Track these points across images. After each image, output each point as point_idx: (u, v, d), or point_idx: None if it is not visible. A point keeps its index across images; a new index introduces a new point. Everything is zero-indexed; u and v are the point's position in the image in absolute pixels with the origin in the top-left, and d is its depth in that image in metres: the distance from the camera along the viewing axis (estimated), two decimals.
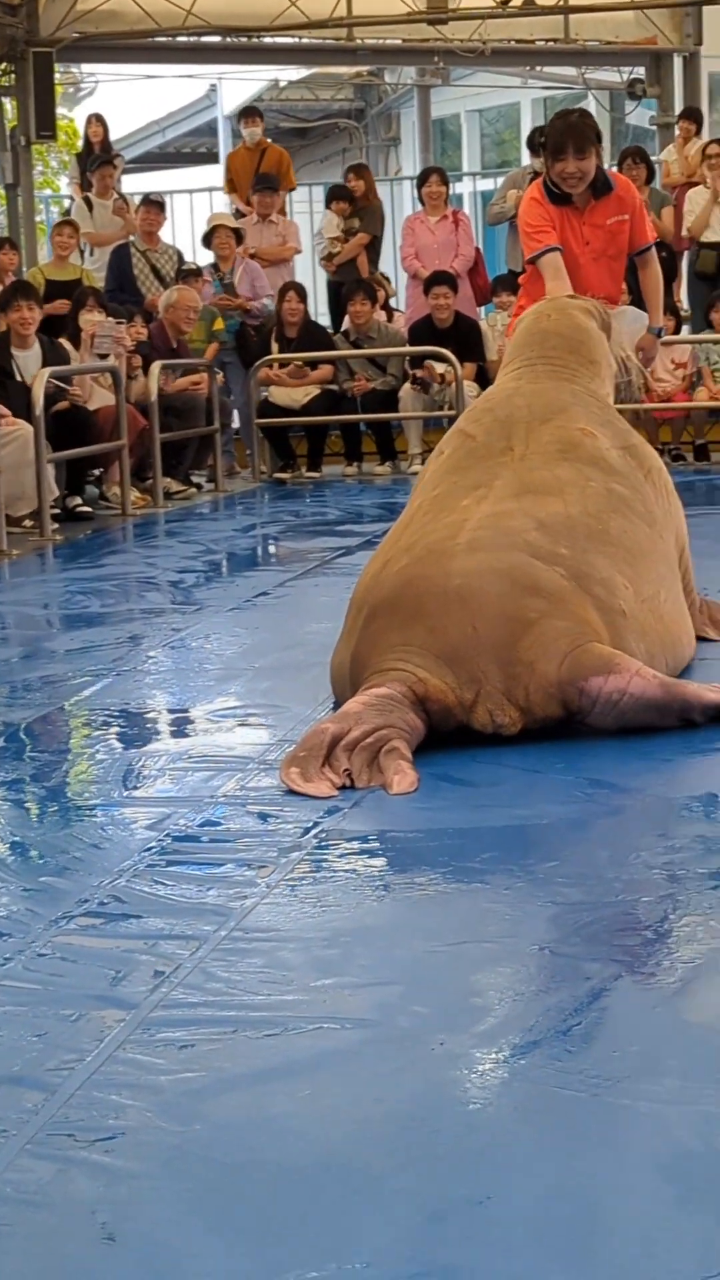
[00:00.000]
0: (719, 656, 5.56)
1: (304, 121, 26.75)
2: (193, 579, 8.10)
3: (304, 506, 11.32)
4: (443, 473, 5.25)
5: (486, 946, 3.10)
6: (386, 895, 3.43)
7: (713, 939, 3.08)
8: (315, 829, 3.86)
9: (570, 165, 7.16)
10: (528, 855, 3.62)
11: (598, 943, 3.10)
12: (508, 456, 5.17)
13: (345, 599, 5.15)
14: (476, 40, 17.73)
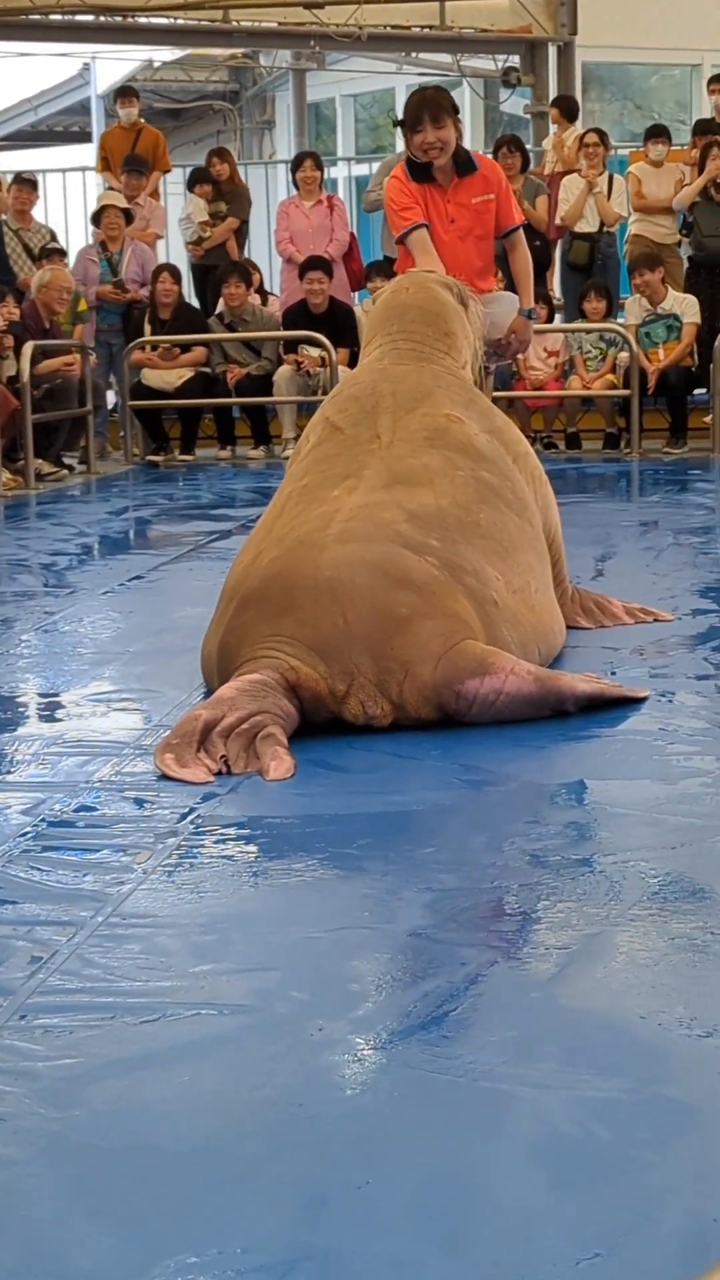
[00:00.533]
0: (590, 645, 5.61)
1: (178, 102, 26.59)
2: (65, 562, 8.06)
3: (177, 490, 11.28)
4: (312, 461, 5.25)
5: (363, 932, 3.12)
6: (263, 881, 3.43)
7: (586, 924, 3.11)
8: (192, 815, 3.86)
9: (429, 135, 7.11)
10: (403, 841, 3.64)
11: (473, 928, 3.12)
12: (375, 445, 5.18)
13: (219, 584, 5.15)
14: (353, 25, 17.71)
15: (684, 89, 21.72)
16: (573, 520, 8.31)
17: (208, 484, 11.53)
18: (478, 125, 23.18)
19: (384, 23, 18.13)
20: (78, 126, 27.87)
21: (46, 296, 12.68)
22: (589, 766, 4.19)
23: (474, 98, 22.35)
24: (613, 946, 3.01)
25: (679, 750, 4.30)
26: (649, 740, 4.40)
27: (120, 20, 18.25)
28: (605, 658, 5.41)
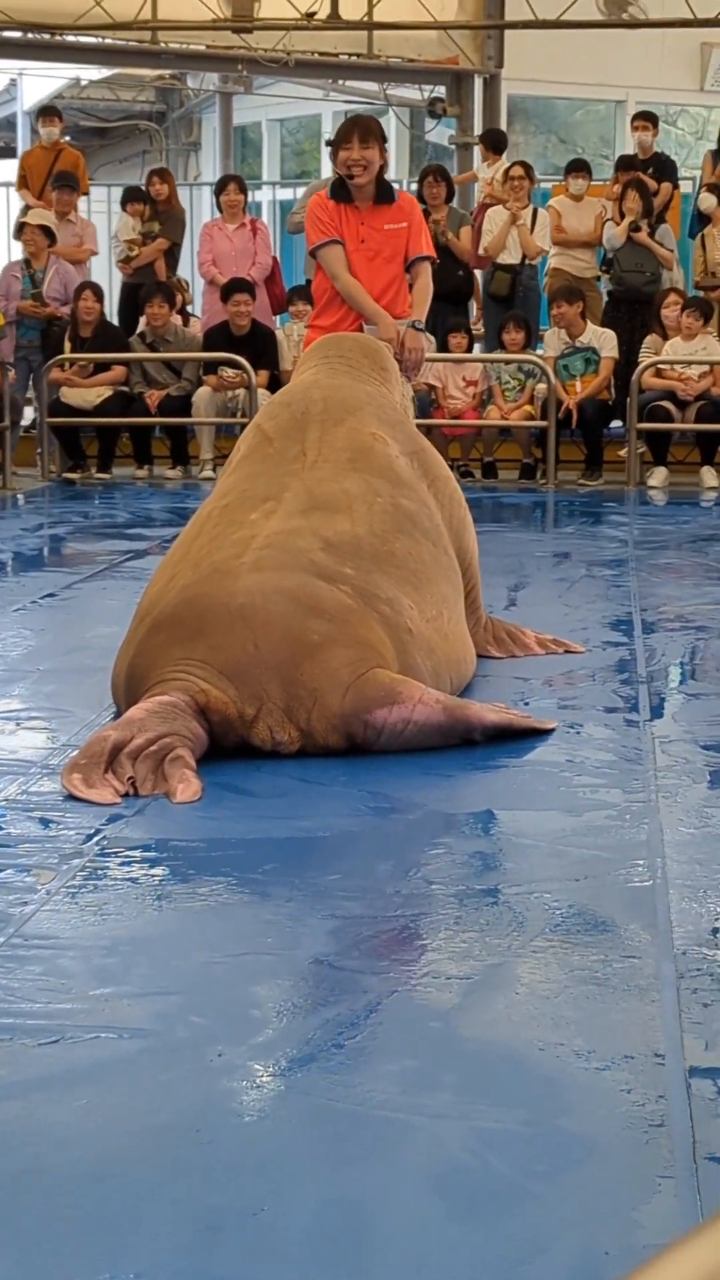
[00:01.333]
0: (501, 674, 5.64)
1: (104, 121, 26.56)
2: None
3: (93, 508, 11.24)
4: (236, 479, 5.27)
5: (266, 959, 3.12)
6: (167, 905, 3.42)
7: (488, 955, 3.12)
8: (97, 836, 3.84)
9: (355, 152, 7.35)
10: (308, 867, 3.65)
11: (376, 956, 3.13)
12: (299, 464, 5.20)
13: (132, 604, 5.14)
14: (281, 51, 17.76)
15: (609, 124, 21.95)
16: (488, 549, 8.34)
17: (124, 503, 11.49)
18: (403, 154, 23.29)
19: (312, 49, 18.18)
20: (3, 142, 27.80)
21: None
22: (496, 796, 4.21)
23: (400, 127, 22.46)
24: (514, 978, 3.03)
25: (585, 782, 4.32)
26: (556, 772, 4.43)
27: (48, 38, 18.21)
28: (516, 688, 5.43)
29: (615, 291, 13.30)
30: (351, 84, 20.67)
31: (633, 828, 3.92)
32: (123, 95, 25.65)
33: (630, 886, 3.51)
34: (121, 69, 23.05)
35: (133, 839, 3.84)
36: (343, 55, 18.53)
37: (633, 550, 8.82)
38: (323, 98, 22.46)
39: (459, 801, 4.17)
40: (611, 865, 3.64)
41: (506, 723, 4.74)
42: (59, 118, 15.55)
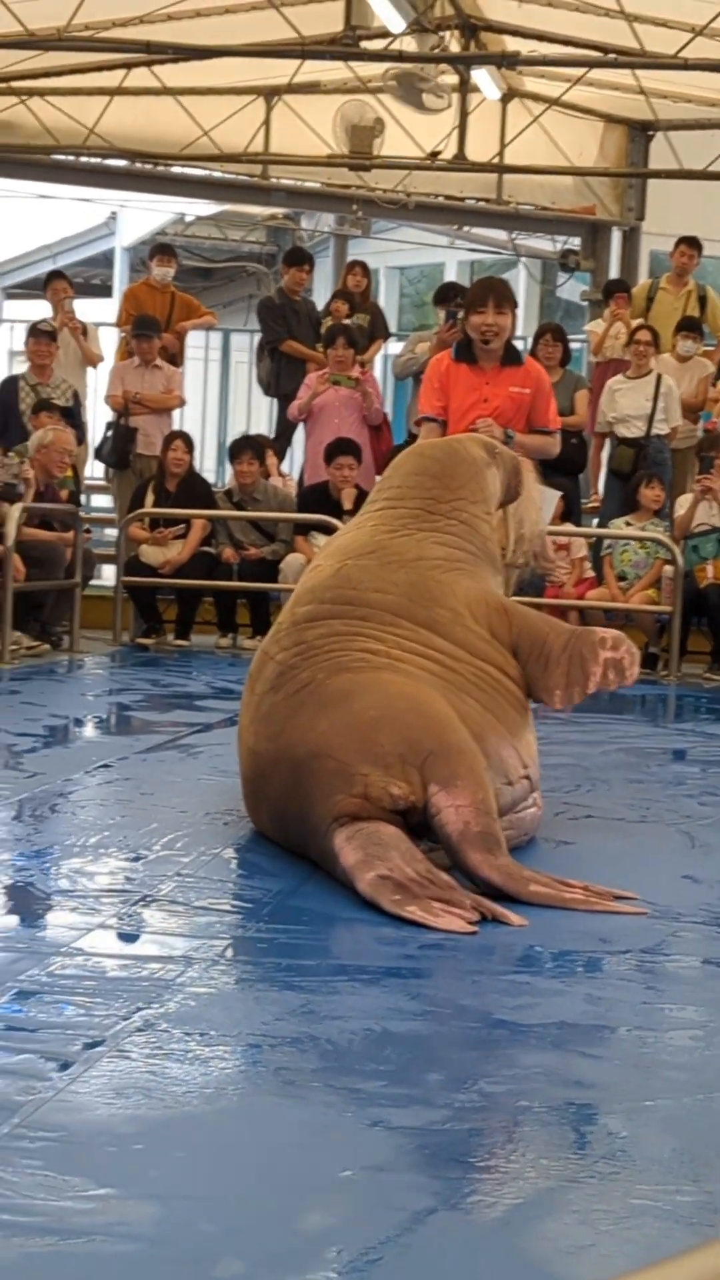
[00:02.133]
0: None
1: (209, 261, 27.19)
2: (28, 743, 8.10)
3: (164, 676, 11.37)
4: None
5: (294, 1166, 3.11)
6: (190, 1101, 3.43)
7: (543, 1178, 3.10)
8: (122, 1023, 3.86)
9: (490, 317, 8.08)
10: (351, 1070, 3.64)
11: (417, 1172, 3.11)
12: None
13: (195, 779, 5.24)
14: (401, 192, 18.15)
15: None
16: (593, 740, 8.39)
17: (199, 672, 11.62)
18: (531, 309, 23.63)
19: (435, 192, 18.57)
20: (99, 279, 28.46)
21: (45, 458, 12.87)
22: (566, 1006, 4.19)
23: (528, 279, 22.80)
24: (568, 1204, 3.00)
25: (669, 998, 4.31)
26: (636, 984, 4.41)
27: (152, 168, 18.73)
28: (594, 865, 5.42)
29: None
30: (478, 232, 21.05)
31: (717, 1049, 3.89)
32: (230, 234, 26.26)
33: (706, 1112, 3.48)
34: (230, 205, 23.59)
35: (160, 1028, 3.86)
36: (469, 200, 18.91)
37: None
38: (446, 245, 22.86)
39: (527, 1011, 4.15)
40: (686, 1089, 3.61)
41: (561, 901, 5.19)
42: (174, 257, 15.88)
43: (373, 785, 5.26)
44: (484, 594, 6.16)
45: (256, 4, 15.12)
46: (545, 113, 17.92)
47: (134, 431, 14.28)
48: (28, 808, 6.47)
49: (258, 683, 5.93)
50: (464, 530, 6.35)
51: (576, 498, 13.89)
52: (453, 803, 5.23)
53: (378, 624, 5.84)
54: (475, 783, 5.31)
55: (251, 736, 5.83)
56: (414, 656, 5.74)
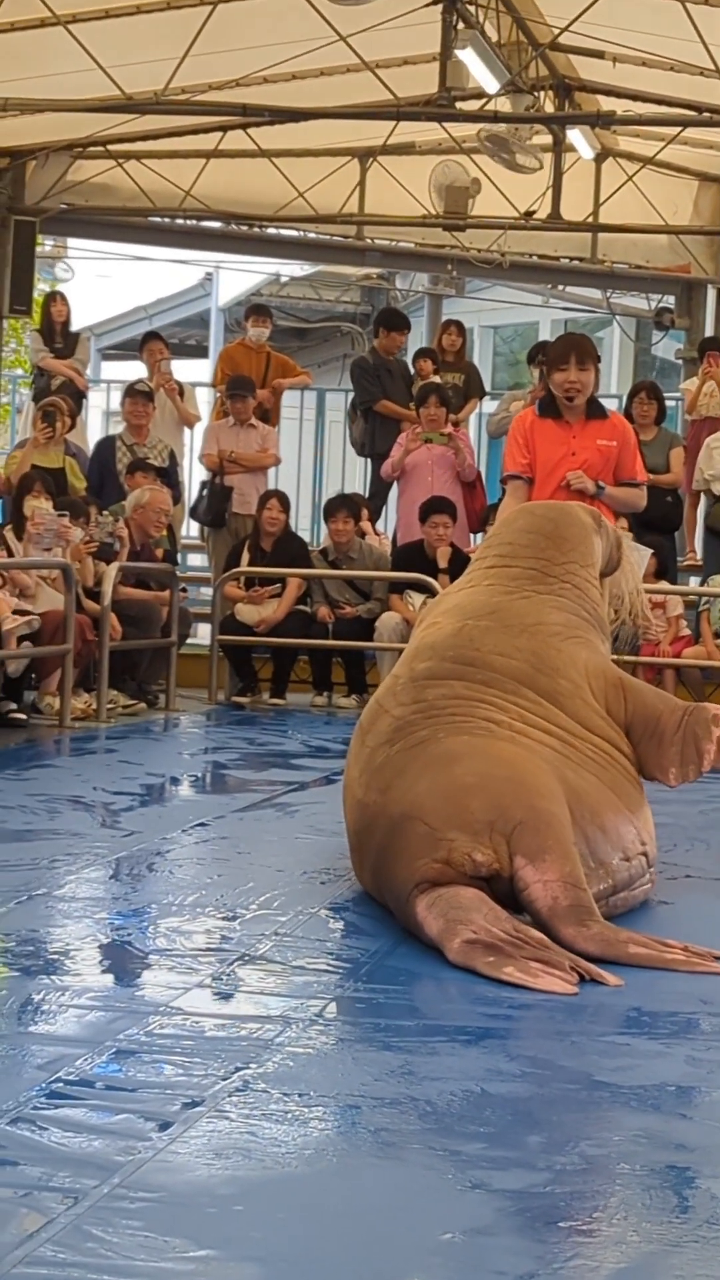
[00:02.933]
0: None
1: (304, 322, 27.36)
2: (125, 802, 8.14)
3: (260, 734, 11.39)
4: None
5: (392, 1228, 3.10)
6: (290, 1162, 3.42)
7: (645, 1242, 3.08)
8: (220, 1084, 3.87)
9: (572, 374, 8.20)
10: (451, 1132, 3.63)
11: (519, 1235, 3.10)
12: None
13: (290, 838, 5.24)
14: (495, 251, 18.22)
15: None
16: (688, 799, 8.34)
17: (294, 731, 11.64)
18: (625, 367, 23.64)
19: (529, 251, 18.62)
20: (194, 340, 28.68)
21: (143, 518, 12.94)
22: (671, 1069, 4.16)
23: (623, 338, 22.81)
24: (669, 1268, 2.98)
25: None
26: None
27: (247, 229, 18.87)
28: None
29: None
30: (572, 291, 21.09)
31: None
32: (325, 294, 26.41)
33: None
34: (324, 265, 23.72)
35: (258, 1088, 3.86)
36: (563, 259, 18.94)
37: None
38: (541, 304, 22.91)
39: (627, 1073, 4.13)
40: None
41: (661, 962, 5.17)
42: (269, 318, 15.97)
43: (456, 850, 5.25)
44: (602, 667, 6.17)
45: (352, 66, 15.22)
46: (639, 172, 17.95)
47: (229, 490, 14.35)
48: (125, 866, 6.50)
49: (369, 735, 5.93)
50: (577, 595, 6.37)
51: (672, 555, 13.86)
52: (540, 878, 5.21)
53: (500, 691, 5.85)
54: (562, 855, 5.28)
55: (361, 788, 5.82)
56: (535, 730, 5.74)
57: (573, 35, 14.54)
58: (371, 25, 13.61)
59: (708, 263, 19.18)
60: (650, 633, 12.84)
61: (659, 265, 19.10)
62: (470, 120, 15.38)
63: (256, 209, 18.20)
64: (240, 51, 14.97)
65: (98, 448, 14.45)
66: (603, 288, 20.15)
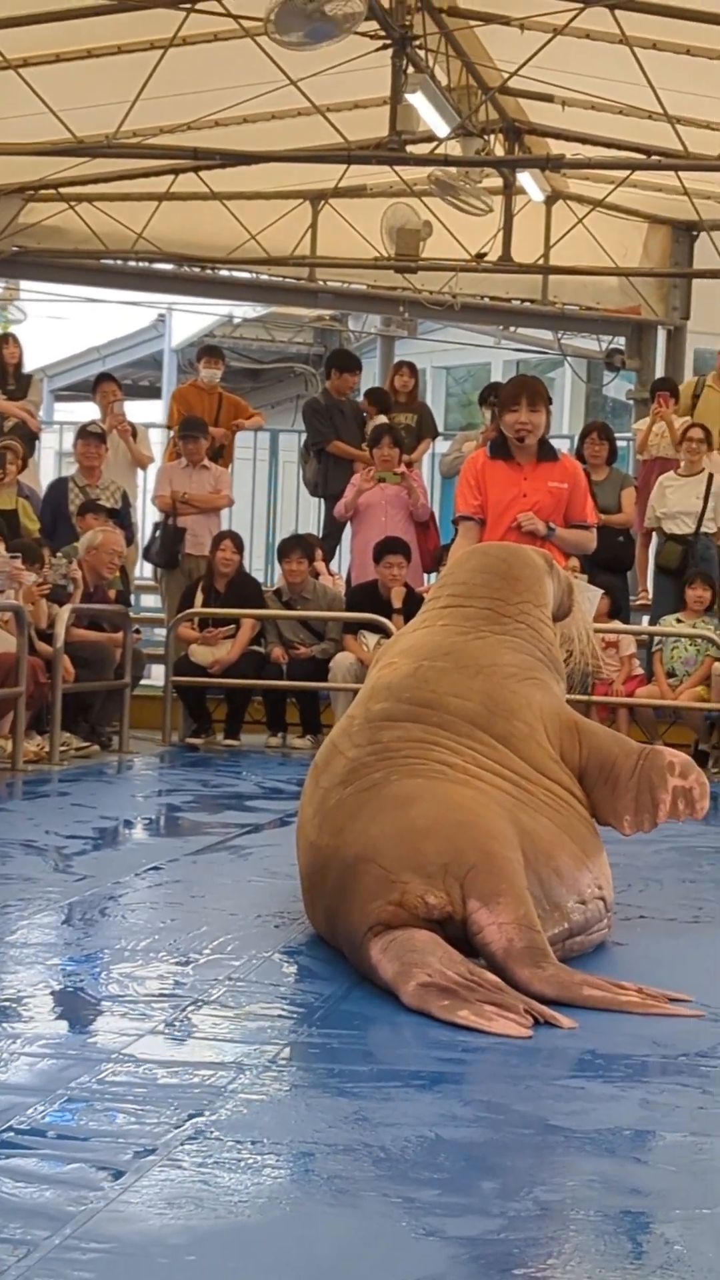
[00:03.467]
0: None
1: (257, 363, 27.38)
2: (78, 845, 8.10)
3: (214, 776, 11.37)
4: None
5: (349, 1276, 3.08)
6: (243, 1211, 3.39)
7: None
8: (177, 1130, 3.84)
9: (523, 415, 8.26)
10: (409, 1178, 3.61)
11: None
12: None
13: (242, 879, 5.22)
14: (446, 293, 18.27)
15: None
16: (642, 840, 8.34)
17: (248, 772, 11.61)
18: (577, 408, 23.72)
19: (480, 293, 18.68)
20: (147, 381, 28.68)
21: (95, 559, 12.93)
22: (624, 1113, 4.15)
23: (574, 379, 22.89)
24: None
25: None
26: (690, 1090, 4.37)
27: (200, 271, 18.90)
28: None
29: None
30: (523, 332, 21.17)
31: None
32: (278, 335, 26.45)
33: None
34: (277, 307, 23.77)
35: (211, 1135, 3.83)
36: (514, 301, 19.02)
37: None
38: (493, 345, 22.99)
39: (581, 1117, 4.11)
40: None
41: (615, 1004, 5.15)
42: (222, 359, 16.00)
43: (409, 893, 5.23)
44: (557, 710, 6.17)
45: (303, 110, 15.26)
46: (589, 214, 18.04)
47: (182, 532, 14.35)
48: (77, 911, 6.46)
49: (323, 776, 5.91)
50: (531, 635, 6.37)
51: (624, 595, 13.91)
52: (494, 920, 5.20)
53: (455, 734, 5.84)
54: (516, 899, 5.27)
55: (314, 830, 5.80)
56: (489, 774, 5.73)
57: (522, 79, 14.61)
58: (322, 69, 13.65)
59: (658, 304, 19.27)
60: (603, 673, 12.85)
61: (609, 307, 19.18)
62: (421, 164, 15.45)
63: (209, 251, 18.23)
64: (191, 95, 15.01)
65: (50, 489, 14.43)
66: (554, 329, 20.22)
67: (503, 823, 5.49)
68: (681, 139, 14.41)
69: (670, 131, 14.35)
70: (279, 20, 11.53)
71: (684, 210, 17.74)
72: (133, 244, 17.76)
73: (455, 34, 14.62)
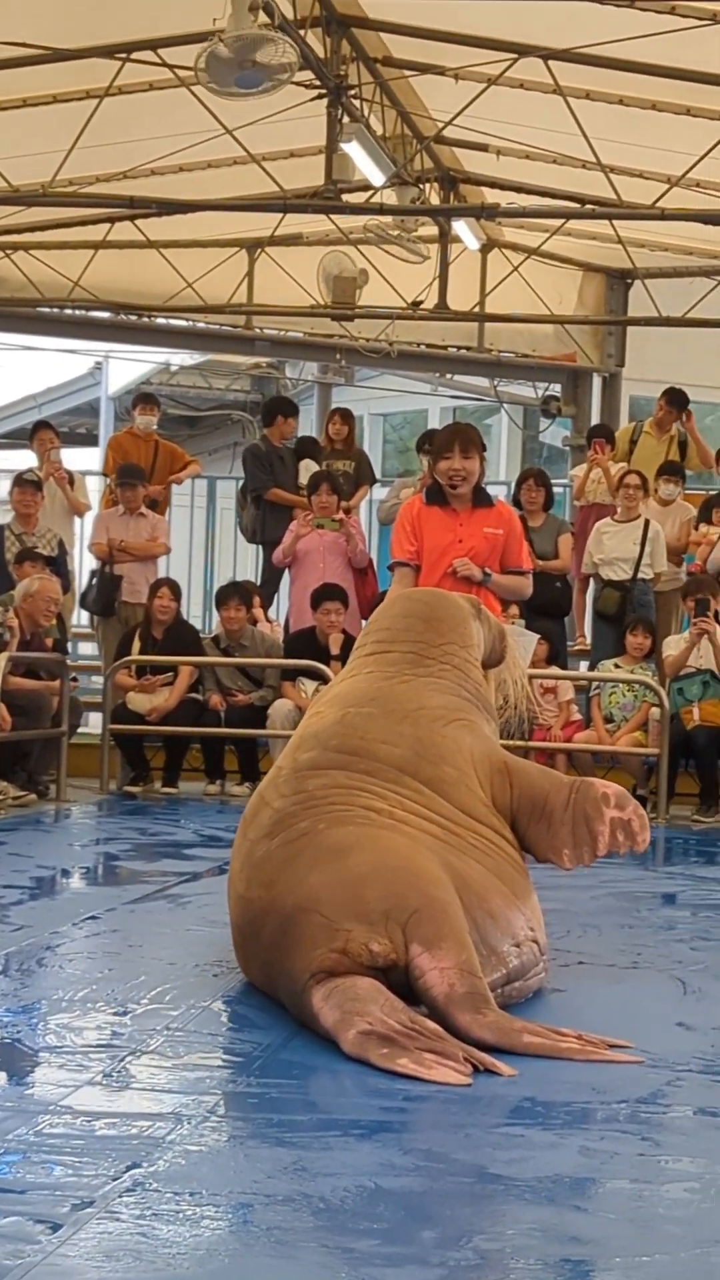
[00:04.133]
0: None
1: (194, 410, 27.38)
2: (14, 895, 8.05)
3: (152, 824, 11.32)
4: None
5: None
6: (185, 1264, 3.37)
7: None
8: (115, 1182, 3.81)
9: (456, 462, 8.39)
10: (349, 1228, 3.59)
11: None
12: None
13: (180, 928, 5.19)
14: (384, 341, 18.33)
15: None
16: (581, 884, 8.35)
17: (186, 820, 11.58)
18: (513, 455, 23.81)
19: (417, 340, 18.76)
20: (84, 428, 28.64)
21: (32, 607, 12.87)
22: (563, 1160, 4.14)
23: (511, 426, 22.97)
24: None
25: (665, 1150, 4.26)
26: (630, 1136, 4.36)
27: (137, 319, 18.91)
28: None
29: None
30: (460, 379, 21.24)
31: (715, 1201, 3.85)
32: (215, 382, 26.46)
33: (703, 1267, 3.43)
34: (214, 355, 23.79)
35: (150, 1187, 3.80)
36: (451, 348, 19.10)
37: None
38: (430, 392, 23.06)
39: (521, 1165, 4.10)
40: (684, 1244, 3.56)
41: (555, 1051, 5.12)
42: (157, 406, 15.99)
43: (353, 940, 5.21)
44: (487, 751, 6.16)
45: (238, 158, 15.30)
46: (524, 262, 18.14)
47: (119, 579, 14.32)
48: (14, 961, 6.42)
49: (251, 828, 5.90)
50: (458, 675, 6.38)
51: (562, 640, 13.94)
52: (436, 965, 5.18)
53: (382, 780, 5.83)
54: (458, 943, 5.26)
55: (243, 883, 5.79)
56: (415, 818, 5.72)
57: (457, 129, 14.70)
58: (258, 119, 13.69)
59: (593, 351, 19.39)
60: (540, 718, 12.87)
61: (545, 354, 19.29)
62: (356, 212, 15.51)
63: (145, 299, 18.24)
64: (127, 144, 15.04)
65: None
66: (490, 376, 20.29)
67: (438, 867, 5.49)
68: (615, 188, 14.51)
69: (604, 180, 14.45)
70: (210, 68, 11.54)
71: (618, 258, 17.87)
72: (69, 292, 17.76)
73: (390, 84, 14.70)
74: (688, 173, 14.17)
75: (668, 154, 14.52)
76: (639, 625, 13.11)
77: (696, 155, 13.85)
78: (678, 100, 13.73)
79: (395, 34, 13.84)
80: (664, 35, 11.94)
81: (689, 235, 17.27)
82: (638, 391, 20.22)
